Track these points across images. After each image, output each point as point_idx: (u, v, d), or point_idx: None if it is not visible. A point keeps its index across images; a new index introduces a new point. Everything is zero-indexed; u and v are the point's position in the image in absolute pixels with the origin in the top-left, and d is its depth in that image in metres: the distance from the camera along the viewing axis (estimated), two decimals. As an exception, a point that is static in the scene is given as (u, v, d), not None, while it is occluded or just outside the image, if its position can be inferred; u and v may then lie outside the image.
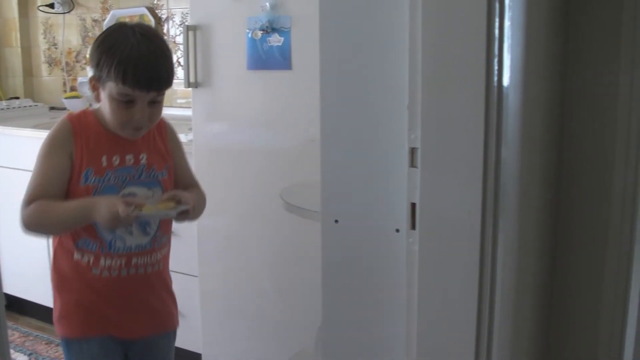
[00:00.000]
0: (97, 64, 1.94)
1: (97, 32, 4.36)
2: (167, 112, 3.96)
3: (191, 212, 2.02)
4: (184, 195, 2.03)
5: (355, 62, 1.46)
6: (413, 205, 1.39)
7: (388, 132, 1.41)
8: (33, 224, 1.97)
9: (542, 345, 1.76)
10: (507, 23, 1.30)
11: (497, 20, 1.28)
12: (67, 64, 4.63)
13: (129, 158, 2.06)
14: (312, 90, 1.60)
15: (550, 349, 1.78)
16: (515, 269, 1.48)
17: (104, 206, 1.87)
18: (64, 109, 4.34)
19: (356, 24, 1.45)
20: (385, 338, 1.53)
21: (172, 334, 2.30)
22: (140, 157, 2.09)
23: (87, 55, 2.25)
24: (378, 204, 1.46)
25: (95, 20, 4.39)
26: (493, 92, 1.28)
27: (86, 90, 4.24)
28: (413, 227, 1.41)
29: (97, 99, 2.02)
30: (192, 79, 2.89)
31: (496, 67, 1.28)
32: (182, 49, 3.08)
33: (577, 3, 1.62)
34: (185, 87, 2.93)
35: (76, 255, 2.05)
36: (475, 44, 1.28)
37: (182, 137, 3.37)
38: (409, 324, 1.46)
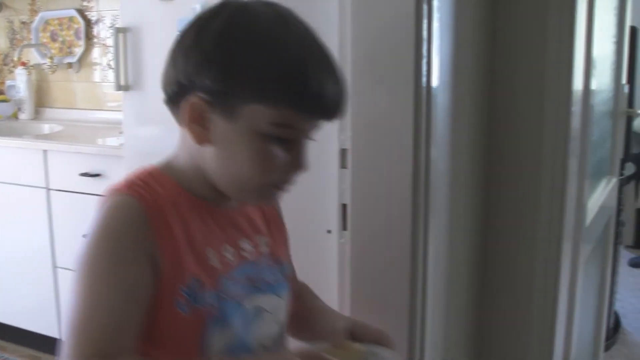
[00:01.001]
0: (222, 76, 1.07)
1: (26, 35, 4.28)
2: (97, 115, 3.96)
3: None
4: (383, 337, 1.29)
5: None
6: (344, 206, 1.40)
7: (319, 134, 1.41)
8: None
9: (474, 342, 1.78)
10: (435, 24, 1.31)
11: (425, 21, 1.29)
12: (-6, 67, 4.54)
13: (246, 246, 1.21)
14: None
15: (483, 346, 1.80)
16: (447, 268, 1.50)
17: None
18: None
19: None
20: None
21: None
22: (260, 241, 1.25)
23: (178, 65, 1.12)
24: (309, 205, 1.46)
25: (23, 23, 4.30)
26: (422, 93, 1.29)
27: (15, 94, 4.16)
28: (344, 227, 1.41)
29: (201, 139, 1.12)
30: (122, 82, 2.84)
31: (425, 68, 1.29)
32: (112, 52, 3.03)
33: (505, 4, 1.64)
34: (115, 90, 2.89)
35: None
36: (404, 45, 1.29)
37: (113, 141, 3.35)
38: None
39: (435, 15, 1.31)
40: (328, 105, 1.09)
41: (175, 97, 1.14)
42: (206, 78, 1.07)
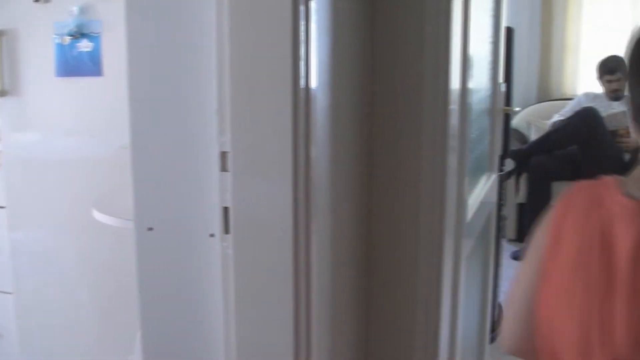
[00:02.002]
0: None
1: None
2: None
3: None
4: None
5: (163, 66, 1.44)
6: (226, 209, 1.39)
7: (198, 136, 1.40)
8: None
9: (361, 340, 1.80)
10: (313, 26, 1.31)
11: (303, 23, 1.29)
12: None
13: None
14: (125, 96, 1.57)
15: (370, 344, 1.82)
16: (330, 268, 1.51)
17: None
18: None
19: (163, 28, 1.43)
20: (205, 343, 1.52)
21: None
22: None
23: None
24: (191, 209, 1.44)
25: None
26: (300, 94, 1.29)
27: None
28: (227, 231, 1.40)
29: None
30: (-2, 87, 2.76)
31: (303, 70, 1.29)
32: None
33: (382, 6, 1.67)
34: (-9, 95, 2.80)
35: None
36: (282, 47, 1.29)
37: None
38: (227, 328, 1.46)
39: (313, 17, 1.31)
40: None
41: None
42: None
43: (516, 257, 5.20)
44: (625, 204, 1.11)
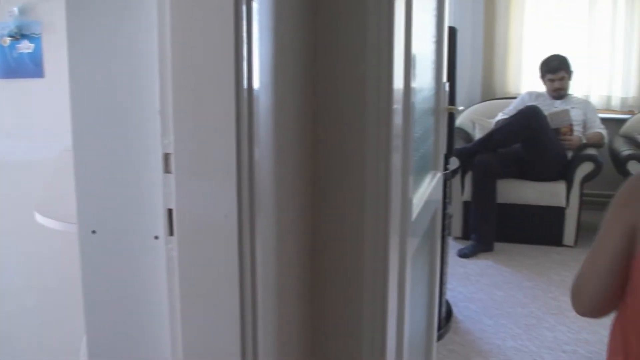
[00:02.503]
0: None
1: None
2: None
3: None
4: None
5: (105, 67, 1.42)
6: (170, 211, 1.38)
7: (141, 138, 1.39)
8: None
9: (308, 340, 1.80)
10: (255, 26, 1.31)
11: (244, 23, 1.29)
12: None
13: None
14: (67, 98, 1.55)
15: (317, 343, 1.82)
16: (276, 268, 1.51)
17: None
18: None
19: (105, 28, 1.41)
20: (152, 346, 1.51)
21: None
22: None
23: None
24: (135, 211, 1.43)
25: None
26: (243, 95, 1.29)
27: None
28: (171, 233, 1.39)
29: None
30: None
31: (245, 70, 1.29)
32: None
33: (325, 6, 1.67)
34: None
35: None
36: (224, 47, 1.28)
37: None
38: (174, 331, 1.45)
39: (255, 17, 1.31)
40: None
41: None
42: None
43: (463, 254, 5.25)
44: None
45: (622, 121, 6.25)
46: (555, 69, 5.71)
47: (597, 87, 6.41)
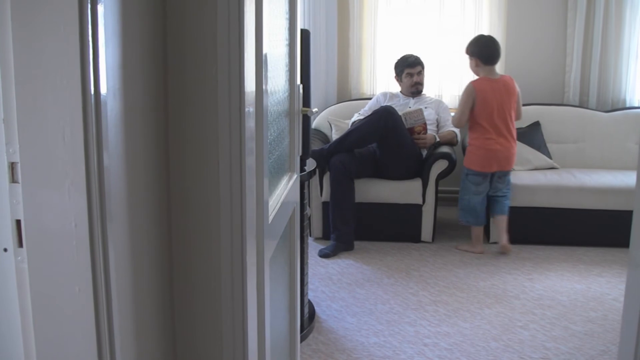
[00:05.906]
0: None
1: None
2: None
3: None
4: None
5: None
6: (19, 222, 1.34)
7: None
8: None
9: (168, 345, 1.78)
10: (101, 30, 1.29)
11: (89, 27, 1.27)
12: None
13: None
14: None
15: (177, 348, 1.81)
16: (130, 274, 1.49)
17: None
18: None
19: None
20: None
21: None
22: None
23: None
24: (-19, 224, 1.38)
25: None
26: (90, 100, 1.27)
27: None
28: (21, 244, 1.35)
29: None
30: None
31: (92, 75, 1.27)
32: None
33: (173, 11, 1.66)
34: None
35: None
36: (69, 53, 1.26)
37: None
38: (27, 344, 1.41)
39: (101, 21, 1.29)
40: None
41: None
42: None
43: (324, 255, 5.31)
44: None
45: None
46: (414, 63, 5.90)
47: (448, 87, 6.62)
